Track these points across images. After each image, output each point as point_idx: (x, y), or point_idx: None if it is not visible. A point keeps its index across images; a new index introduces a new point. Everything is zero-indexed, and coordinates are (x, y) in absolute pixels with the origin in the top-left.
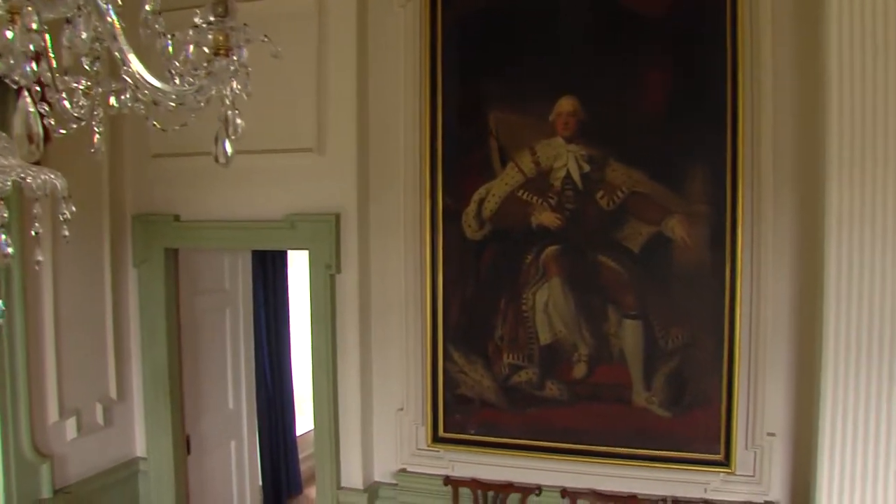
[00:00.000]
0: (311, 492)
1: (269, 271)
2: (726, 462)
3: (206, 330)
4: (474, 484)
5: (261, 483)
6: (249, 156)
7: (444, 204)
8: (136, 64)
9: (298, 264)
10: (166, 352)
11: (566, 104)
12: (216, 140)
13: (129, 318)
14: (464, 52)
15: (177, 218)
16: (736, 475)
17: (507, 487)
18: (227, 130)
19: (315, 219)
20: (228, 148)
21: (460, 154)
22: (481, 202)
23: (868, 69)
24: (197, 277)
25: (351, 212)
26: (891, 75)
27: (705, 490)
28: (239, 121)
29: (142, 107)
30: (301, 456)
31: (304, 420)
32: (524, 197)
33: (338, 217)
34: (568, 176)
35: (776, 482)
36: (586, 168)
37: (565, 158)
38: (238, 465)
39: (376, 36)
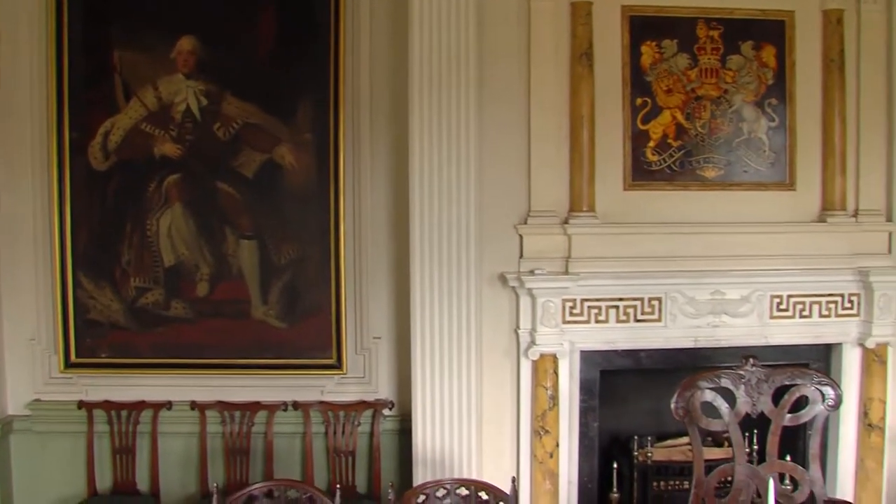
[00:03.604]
0: None
1: None
2: (339, 365)
3: None
4: (108, 405)
5: None
6: None
7: (71, 137)
8: None
9: None
10: None
11: (186, 43)
12: None
13: None
14: None
15: None
16: (348, 377)
17: (140, 405)
18: None
19: None
20: None
21: (86, 90)
22: (107, 135)
23: (444, 16)
24: None
25: None
26: (462, 27)
27: (322, 392)
28: None
29: None
30: None
31: None
32: (147, 129)
33: None
34: (188, 109)
35: (383, 381)
36: (204, 102)
37: (185, 93)
38: None
39: None
